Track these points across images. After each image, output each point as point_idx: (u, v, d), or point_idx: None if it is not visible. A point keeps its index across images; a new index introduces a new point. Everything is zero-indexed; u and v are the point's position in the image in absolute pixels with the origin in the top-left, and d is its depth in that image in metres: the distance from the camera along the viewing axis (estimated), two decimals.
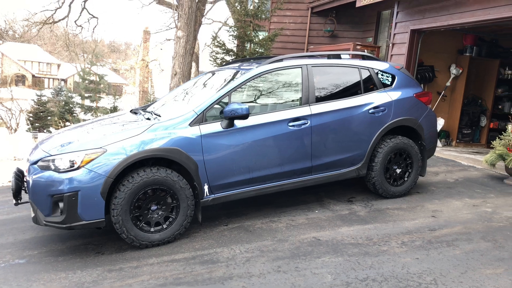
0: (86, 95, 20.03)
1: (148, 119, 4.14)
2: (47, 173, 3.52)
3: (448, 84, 8.67)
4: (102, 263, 3.45)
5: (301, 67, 4.45)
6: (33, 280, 3.20)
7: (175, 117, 3.91)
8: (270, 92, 4.37)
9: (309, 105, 4.35)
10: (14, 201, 3.84)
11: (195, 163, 3.81)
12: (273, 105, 4.33)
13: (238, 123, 3.97)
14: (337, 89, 4.63)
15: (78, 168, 3.47)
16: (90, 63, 22.32)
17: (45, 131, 18.47)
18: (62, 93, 24.85)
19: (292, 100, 4.38)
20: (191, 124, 3.86)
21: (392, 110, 4.73)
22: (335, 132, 4.44)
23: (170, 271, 3.27)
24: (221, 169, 3.95)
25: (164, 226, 3.76)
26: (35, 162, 3.65)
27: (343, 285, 2.97)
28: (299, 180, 4.36)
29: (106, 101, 20.10)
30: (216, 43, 12.61)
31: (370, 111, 4.62)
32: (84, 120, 18.23)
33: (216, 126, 3.92)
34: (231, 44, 12.72)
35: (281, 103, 4.35)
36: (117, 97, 17.02)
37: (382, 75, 4.87)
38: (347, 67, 4.74)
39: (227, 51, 12.12)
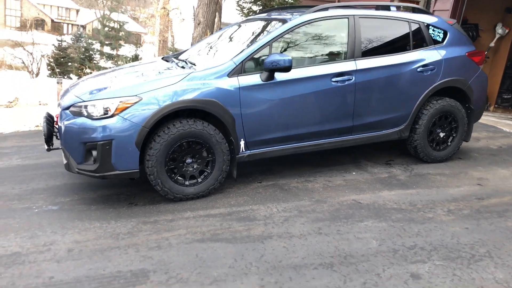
0: (106, 42, 19.71)
1: (183, 67, 3.91)
2: (80, 120, 3.37)
3: (492, 44, 8.13)
4: (136, 215, 3.36)
5: (347, 18, 4.10)
6: (67, 228, 3.13)
7: (212, 66, 3.67)
8: (312, 44, 4.06)
9: (355, 60, 4.04)
10: (46, 147, 3.72)
11: (232, 117, 3.61)
12: (315, 58, 4.04)
13: (278, 76, 3.71)
14: (385, 44, 4.29)
15: (112, 115, 3.30)
16: (110, 9, 21.82)
17: (65, 77, 18.36)
18: (82, 39, 24.53)
19: (336, 54, 4.08)
20: (229, 75, 3.61)
21: (441, 69, 4.39)
22: (380, 90, 4.15)
23: (206, 226, 3.16)
24: (258, 125, 3.75)
25: (199, 180, 3.62)
26: (67, 108, 3.50)
27: (390, 251, 2.82)
28: (338, 140, 4.14)
29: (126, 49, 19.79)
30: None
31: (418, 69, 4.29)
32: (104, 68, 18.03)
33: (255, 78, 3.67)
34: None
35: (324, 57, 4.06)
36: (138, 45, 16.69)
37: (433, 30, 4.48)
38: (397, 20, 4.37)
39: (255, 1, 11.58)
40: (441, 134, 4.58)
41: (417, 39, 4.39)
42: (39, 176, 4.17)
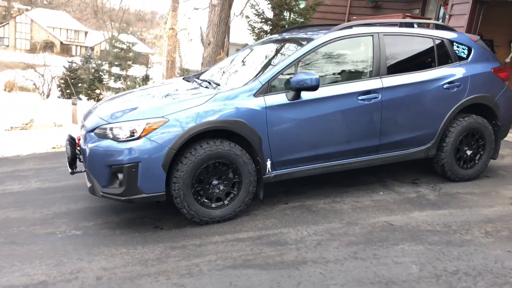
0: (116, 63, 19.92)
1: (207, 88, 3.86)
2: (105, 142, 3.31)
3: (508, 60, 8.06)
4: (163, 239, 3.26)
5: (372, 35, 4.05)
6: (94, 254, 3.04)
7: (238, 86, 3.61)
8: (337, 62, 4.02)
9: (380, 78, 3.97)
10: (69, 170, 3.65)
11: (259, 137, 3.53)
12: (341, 76, 3.98)
13: (304, 95, 3.64)
14: (410, 61, 4.23)
15: (139, 137, 3.24)
16: (119, 30, 22.09)
17: (75, 97, 18.52)
18: (91, 60, 24.86)
19: (362, 72, 4.02)
20: (255, 95, 3.55)
21: (468, 86, 4.31)
22: (407, 108, 4.07)
23: (237, 251, 3.05)
24: (285, 144, 3.66)
25: (225, 202, 3.53)
26: (92, 130, 3.44)
27: (432, 277, 2.69)
28: (365, 159, 4.04)
29: (135, 70, 19.97)
30: (255, 11, 12.15)
31: (444, 86, 4.21)
32: (114, 88, 18.15)
33: (281, 98, 3.61)
34: (269, 13, 12.24)
35: (350, 75, 4.00)
36: (149, 66, 16.84)
37: (457, 46, 4.42)
38: (421, 37, 4.31)
39: (266, 20, 11.64)
40: (468, 152, 4.46)
41: (442, 55, 4.32)
42: (60, 200, 4.09)
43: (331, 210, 3.76)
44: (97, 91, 18.04)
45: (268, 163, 3.64)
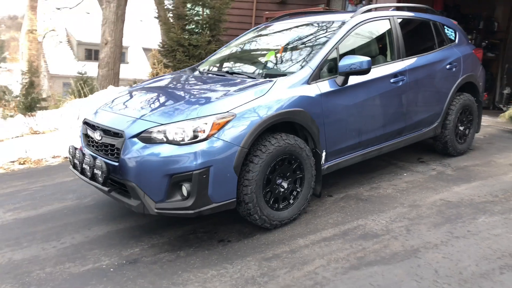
0: None
1: (244, 78, 3.44)
2: (161, 148, 2.72)
3: None
4: (245, 252, 2.80)
5: (389, 19, 4.07)
6: (182, 283, 2.46)
7: (288, 74, 3.29)
8: (368, 45, 3.95)
9: (403, 60, 4.02)
10: (105, 188, 2.88)
11: (317, 127, 3.27)
12: (374, 60, 3.88)
13: (350, 80, 3.49)
14: (419, 44, 4.37)
15: (206, 138, 2.73)
16: None
17: None
18: None
19: (388, 54, 4.01)
20: (309, 82, 3.28)
21: (461, 65, 4.61)
22: (424, 89, 4.19)
23: (339, 251, 2.76)
24: (337, 133, 3.47)
25: (291, 201, 3.19)
26: (135, 135, 2.79)
27: None
28: (393, 142, 4.05)
29: None
30: (167, 7, 11.56)
31: (447, 66, 4.44)
32: None
33: (331, 84, 3.40)
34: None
35: (379, 58, 3.95)
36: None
37: (447, 29, 4.71)
38: (422, 21, 4.50)
39: (179, 16, 11.04)
40: (461, 128, 4.80)
41: (439, 38, 4.56)
42: (63, 228, 3.27)
43: (380, 196, 3.68)
44: None
45: (323, 154, 3.40)
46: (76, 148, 3.20)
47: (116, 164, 2.85)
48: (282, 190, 3.13)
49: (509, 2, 8.90)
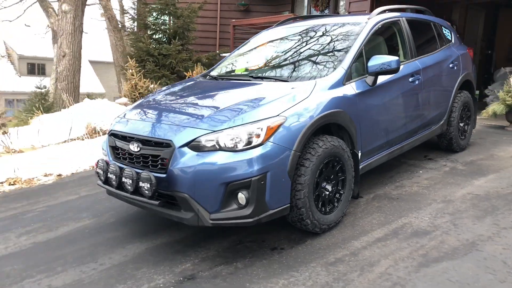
0: None
1: (285, 80, 3.36)
2: (216, 156, 2.59)
3: None
4: (305, 259, 2.71)
5: (399, 19, 4.16)
6: None
7: (327, 75, 3.25)
8: (386, 45, 4.00)
9: (416, 60, 4.11)
10: (155, 203, 2.68)
11: (355, 127, 3.26)
12: None
13: (378, 79, 3.51)
14: (425, 43, 4.49)
15: (261, 143, 2.62)
16: None
17: None
18: None
19: (403, 54, 4.08)
20: (343, 83, 3.26)
21: (460, 64, 4.80)
22: (434, 87, 4.31)
23: (400, 250, 2.74)
24: (370, 133, 3.47)
25: (336, 204, 3.14)
26: (186, 144, 2.63)
27: None
28: (410, 141, 4.12)
29: None
30: (132, 16, 11.32)
31: (450, 65, 4.61)
32: None
33: (363, 84, 3.40)
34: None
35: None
36: None
37: (445, 30, 4.89)
38: (425, 22, 4.64)
39: (146, 26, 10.79)
40: (461, 124, 4.98)
41: (440, 38, 4.72)
42: (92, 250, 3.01)
43: (410, 194, 3.71)
44: None
45: (359, 155, 3.38)
46: (107, 162, 2.97)
47: (163, 175, 2.66)
48: (327, 193, 3.07)
49: (464, 5, 9.49)
